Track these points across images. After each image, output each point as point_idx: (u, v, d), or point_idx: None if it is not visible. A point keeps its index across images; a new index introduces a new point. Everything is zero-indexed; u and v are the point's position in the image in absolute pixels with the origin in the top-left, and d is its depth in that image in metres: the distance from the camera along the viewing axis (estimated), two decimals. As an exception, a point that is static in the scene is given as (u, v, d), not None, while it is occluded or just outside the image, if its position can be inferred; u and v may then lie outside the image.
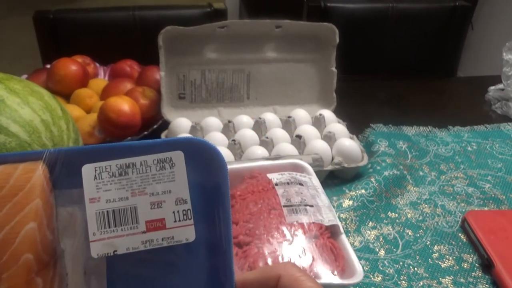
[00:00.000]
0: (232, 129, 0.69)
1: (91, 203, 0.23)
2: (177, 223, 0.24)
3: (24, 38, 1.24)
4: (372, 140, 0.74)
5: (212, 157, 0.25)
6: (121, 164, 0.24)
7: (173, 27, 0.69)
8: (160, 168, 0.24)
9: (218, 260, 0.25)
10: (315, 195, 0.48)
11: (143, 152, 0.24)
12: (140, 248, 0.24)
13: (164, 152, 0.24)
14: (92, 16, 1.08)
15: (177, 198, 0.24)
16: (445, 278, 0.50)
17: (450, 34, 1.27)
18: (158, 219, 0.24)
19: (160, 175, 0.24)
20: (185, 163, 0.24)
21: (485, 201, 0.62)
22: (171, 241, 0.24)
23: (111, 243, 0.23)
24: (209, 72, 0.76)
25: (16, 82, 0.48)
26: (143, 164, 0.24)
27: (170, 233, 0.24)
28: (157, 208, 0.24)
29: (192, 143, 0.25)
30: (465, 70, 1.99)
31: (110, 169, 0.24)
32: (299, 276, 0.26)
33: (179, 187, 0.24)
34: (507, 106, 0.87)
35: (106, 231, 0.23)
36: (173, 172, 0.24)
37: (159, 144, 0.25)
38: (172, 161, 0.24)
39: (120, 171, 0.24)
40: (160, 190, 0.24)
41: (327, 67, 0.78)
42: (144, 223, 0.24)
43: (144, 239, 0.24)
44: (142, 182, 0.24)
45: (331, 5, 1.18)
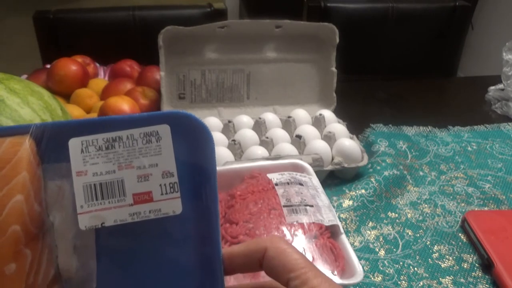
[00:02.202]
0: (232, 129, 0.69)
1: (78, 176, 0.24)
2: (164, 195, 0.25)
3: (24, 38, 1.24)
4: (372, 140, 0.74)
5: (198, 131, 0.25)
6: (108, 138, 0.24)
7: (173, 27, 0.69)
8: (146, 142, 0.24)
9: (205, 233, 0.26)
10: (315, 195, 0.48)
11: (130, 126, 0.25)
12: (128, 220, 0.24)
13: (150, 126, 0.25)
14: (92, 16, 1.08)
15: (164, 171, 0.25)
16: (445, 278, 0.50)
17: (450, 34, 1.27)
18: (145, 192, 0.24)
19: (146, 149, 0.24)
20: (171, 136, 0.25)
21: (485, 201, 0.62)
22: (158, 213, 0.25)
23: (98, 216, 0.24)
24: (209, 72, 0.76)
25: (16, 82, 0.48)
26: (130, 138, 0.24)
27: (157, 205, 0.25)
28: (144, 181, 0.24)
29: (179, 117, 0.25)
30: (465, 70, 2.00)
31: (97, 142, 0.24)
32: (285, 248, 0.26)
33: (165, 160, 0.25)
34: (507, 106, 0.87)
35: (93, 204, 0.24)
36: (160, 145, 0.25)
37: (146, 118, 0.25)
38: (158, 135, 0.25)
39: (107, 144, 0.24)
40: (147, 163, 0.24)
41: (327, 67, 0.78)
42: (131, 196, 0.24)
43: (132, 212, 0.24)
44: (128, 155, 0.24)
45: (331, 5, 1.18)
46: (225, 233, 0.44)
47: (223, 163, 0.59)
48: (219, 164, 0.59)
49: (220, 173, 0.52)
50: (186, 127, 0.25)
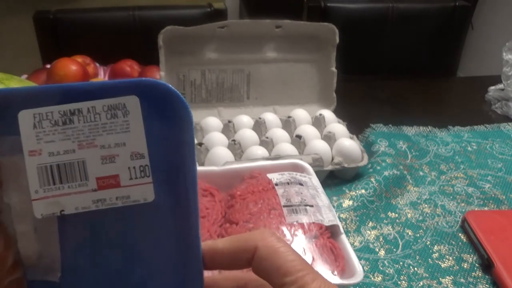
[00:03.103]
0: (232, 129, 0.69)
1: (31, 156, 0.20)
2: (133, 180, 0.21)
3: (24, 38, 1.24)
4: (372, 140, 0.74)
5: (174, 104, 0.22)
6: (65, 111, 0.20)
7: (173, 27, 0.69)
8: (111, 116, 0.21)
9: (182, 224, 0.23)
10: (315, 195, 0.48)
11: (91, 97, 0.21)
12: (91, 208, 0.21)
13: (116, 97, 0.21)
14: (92, 16, 1.08)
15: (133, 152, 0.21)
16: (445, 278, 0.50)
17: (450, 34, 1.27)
18: (111, 175, 0.21)
19: (112, 125, 0.21)
20: (141, 110, 0.21)
21: (485, 201, 0.62)
22: (127, 200, 0.22)
23: (57, 202, 0.21)
24: (209, 72, 0.76)
25: (16, 82, 0.48)
26: (91, 111, 0.21)
27: (126, 191, 0.22)
28: (109, 163, 0.21)
29: (150, 86, 0.21)
30: (465, 70, 1.99)
31: (52, 116, 0.20)
32: (278, 247, 0.23)
33: (134, 139, 0.21)
34: (507, 106, 0.87)
35: (50, 189, 0.21)
36: (127, 121, 0.21)
37: (110, 87, 0.21)
38: (125, 108, 0.21)
39: (64, 118, 0.20)
40: (113, 142, 0.21)
41: (327, 67, 0.78)
42: (94, 179, 0.21)
43: (96, 198, 0.21)
44: (90, 132, 0.21)
45: (331, 5, 1.18)
46: (225, 233, 0.44)
47: (223, 163, 0.59)
48: (219, 164, 0.59)
49: (220, 173, 0.53)
50: (159, 99, 0.21)
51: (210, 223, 0.45)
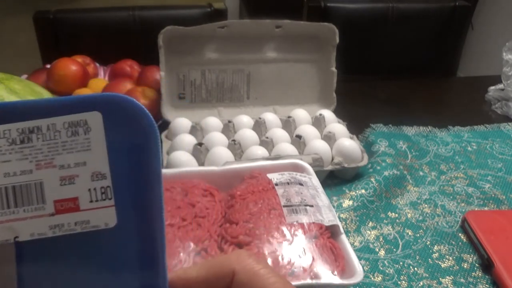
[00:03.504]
0: (232, 129, 0.69)
1: None
2: (94, 203, 0.20)
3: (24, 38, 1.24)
4: (372, 140, 0.74)
5: (139, 122, 0.20)
6: (23, 128, 0.19)
7: (173, 27, 0.69)
8: (72, 134, 0.19)
9: (147, 253, 0.21)
10: (315, 195, 0.48)
11: (51, 113, 0.19)
12: (48, 234, 0.20)
13: (77, 114, 0.19)
14: (92, 16, 1.08)
15: (94, 172, 0.20)
16: (445, 278, 0.50)
17: (450, 34, 1.27)
18: (70, 198, 0.20)
19: (72, 143, 0.19)
20: (103, 127, 0.20)
21: (485, 201, 0.62)
22: (87, 226, 0.20)
23: (10, 227, 0.19)
24: (209, 72, 0.76)
25: (16, 82, 0.48)
26: (51, 129, 0.19)
27: (85, 216, 0.20)
28: (68, 184, 0.20)
29: (114, 102, 0.20)
30: (465, 70, 1.99)
31: (9, 134, 0.19)
32: (258, 270, 0.21)
33: (96, 158, 0.20)
34: (507, 106, 0.87)
35: (4, 213, 0.19)
36: (89, 139, 0.20)
37: (71, 103, 0.20)
38: (87, 125, 0.19)
39: (22, 137, 0.19)
40: (72, 161, 0.20)
41: (327, 67, 0.78)
42: (52, 203, 0.20)
43: (53, 223, 0.20)
44: (49, 151, 0.19)
45: (331, 5, 1.18)
46: (225, 233, 0.44)
47: (223, 163, 0.59)
48: (219, 164, 0.59)
49: (220, 173, 0.53)
50: (123, 116, 0.20)
51: (210, 223, 0.45)
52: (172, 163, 0.59)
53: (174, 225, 0.43)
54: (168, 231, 0.42)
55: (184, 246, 0.41)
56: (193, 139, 0.65)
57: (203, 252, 0.42)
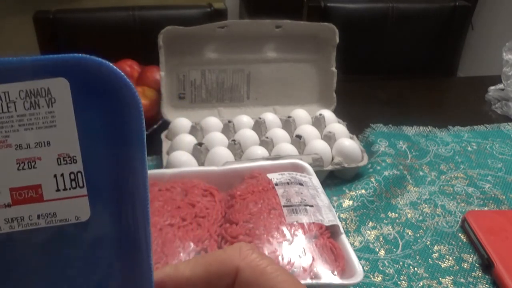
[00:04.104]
0: (232, 129, 0.69)
1: None
2: (62, 192, 0.16)
3: (24, 38, 1.24)
4: (372, 140, 0.74)
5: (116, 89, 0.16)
6: None
7: (173, 27, 0.69)
8: (31, 106, 0.15)
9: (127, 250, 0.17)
10: (315, 195, 0.48)
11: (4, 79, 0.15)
12: (4, 229, 0.16)
13: (37, 79, 0.15)
14: (92, 16, 1.08)
15: (60, 154, 0.16)
16: (445, 278, 0.50)
17: (450, 34, 1.27)
18: (31, 185, 0.16)
19: (31, 117, 0.15)
20: (71, 97, 0.15)
21: (485, 201, 0.62)
22: (53, 219, 0.16)
23: None
24: (209, 72, 0.76)
25: (16, 82, 0.48)
26: (4, 99, 0.15)
27: (51, 207, 0.16)
28: (28, 168, 0.16)
29: (83, 65, 0.16)
30: (465, 70, 1.99)
31: None
32: (265, 267, 0.18)
33: (63, 136, 0.16)
34: (507, 106, 0.87)
35: None
36: (53, 112, 0.15)
37: (29, 66, 0.15)
38: (50, 95, 0.15)
39: None
40: (33, 140, 0.15)
41: (327, 67, 0.78)
42: (7, 191, 0.16)
43: (10, 216, 0.16)
44: (2, 127, 0.15)
45: (331, 5, 1.18)
46: (225, 233, 0.44)
47: (223, 163, 0.59)
48: (219, 164, 0.59)
49: (220, 173, 0.53)
50: (97, 83, 0.16)
51: (210, 223, 0.45)
52: (172, 163, 0.59)
53: (174, 225, 0.43)
54: (168, 231, 0.42)
55: (184, 246, 0.41)
56: (193, 139, 0.65)
57: (203, 252, 0.42)
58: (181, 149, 0.63)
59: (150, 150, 0.68)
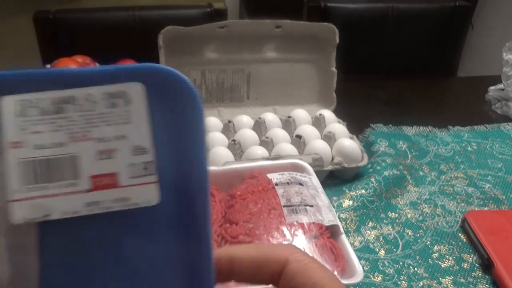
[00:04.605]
0: (232, 129, 0.69)
1: (14, 148, 0.17)
2: (135, 179, 0.18)
3: (24, 38, 1.24)
4: (372, 140, 0.74)
5: (183, 94, 0.19)
6: (57, 98, 0.17)
7: (173, 27, 0.69)
8: (111, 105, 0.18)
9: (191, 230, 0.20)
10: (315, 195, 0.48)
11: (88, 83, 0.18)
12: (83, 212, 0.18)
13: (117, 84, 0.18)
14: (92, 16, 1.08)
15: (135, 146, 0.18)
16: (445, 278, 0.50)
17: (450, 34, 1.27)
18: (108, 173, 0.18)
19: (110, 115, 0.18)
20: (146, 99, 0.18)
21: (485, 201, 0.62)
22: (126, 203, 0.18)
23: (41, 205, 0.17)
24: (209, 72, 0.76)
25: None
26: (88, 99, 0.18)
27: (125, 192, 0.18)
28: (106, 158, 0.18)
29: (155, 72, 0.19)
30: (465, 70, 1.99)
31: (41, 103, 0.17)
32: (309, 263, 0.21)
33: (137, 131, 0.18)
34: (507, 106, 0.87)
35: (33, 188, 0.17)
36: (129, 110, 0.18)
37: (110, 73, 0.18)
38: (127, 96, 0.18)
39: (56, 107, 0.17)
40: (111, 134, 0.18)
41: (327, 67, 0.78)
42: (88, 178, 0.18)
43: (89, 200, 0.18)
44: (86, 123, 0.18)
45: (331, 5, 1.18)
46: (225, 233, 0.44)
47: (223, 163, 0.59)
48: (219, 164, 0.59)
49: (220, 173, 0.53)
50: (167, 89, 0.19)
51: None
52: (172, 163, 0.59)
53: (174, 225, 0.43)
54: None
55: (184, 246, 0.41)
56: (193, 139, 0.65)
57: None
58: (181, 149, 0.63)
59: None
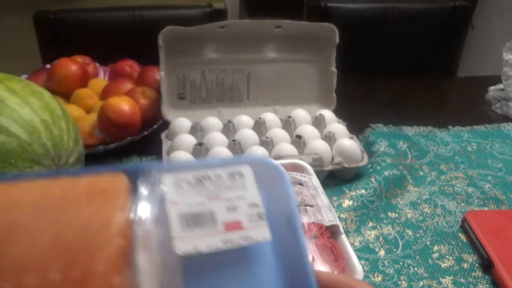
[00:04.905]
0: (232, 129, 0.69)
1: (173, 205, 0.26)
2: (253, 223, 0.27)
3: (24, 38, 1.24)
4: (372, 140, 0.74)
5: (274, 173, 0.30)
6: (198, 176, 0.28)
7: (173, 27, 0.69)
8: (231, 179, 0.28)
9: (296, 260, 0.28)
10: (315, 195, 0.48)
11: (216, 167, 0.28)
12: (221, 247, 0.26)
13: (234, 166, 0.28)
14: (92, 16, 1.08)
15: (250, 203, 0.27)
16: (445, 278, 0.50)
17: (450, 34, 1.27)
18: (235, 221, 0.26)
19: (232, 184, 0.28)
20: (253, 175, 0.28)
21: (485, 201, 0.62)
22: (250, 240, 0.26)
23: (193, 242, 0.25)
24: (209, 72, 0.76)
25: (16, 82, 0.48)
26: (217, 176, 0.28)
27: (247, 233, 0.26)
28: (232, 211, 0.27)
29: (259, 160, 0.30)
30: (465, 70, 2.00)
31: (189, 179, 0.27)
32: None
33: (250, 193, 0.28)
34: (507, 106, 0.87)
35: (187, 230, 0.26)
36: (243, 182, 0.28)
37: (230, 161, 0.30)
38: (241, 173, 0.28)
39: (198, 181, 0.27)
40: (234, 196, 0.27)
41: (327, 67, 0.78)
42: (222, 224, 0.26)
43: (224, 239, 0.26)
44: (217, 190, 0.27)
45: (331, 5, 1.18)
46: (225, 233, 0.44)
47: (223, 163, 0.59)
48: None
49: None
50: (265, 170, 0.29)
51: (210, 223, 0.45)
52: (172, 163, 0.59)
53: (174, 225, 0.43)
54: (168, 231, 0.42)
55: (184, 246, 0.41)
56: (193, 139, 0.65)
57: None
58: (181, 149, 0.63)
59: (150, 150, 0.68)
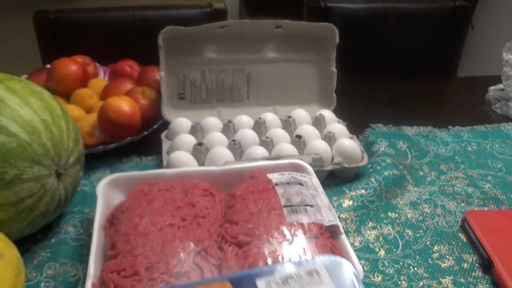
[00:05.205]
0: (232, 129, 0.69)
1: None
2: None
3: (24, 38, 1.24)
4: (372, 140, 0.74)
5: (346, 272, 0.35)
6: (284, 276, 0.34)
7: (173, 27, 0.69)
8: (309, 276, 0.34)
9: None
10: (315, 195, 0.48)
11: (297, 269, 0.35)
12: None
13: (310, 265, 0.35)
14: (92, 16, 1.08)
15: None
16: (445, 278, 0.50)
17: (450, 34, 1.27)
18: None
19: (310, 280, 0.34)
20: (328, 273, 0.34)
21: (485, 201, 0.62)
22: None
23: None
24: (209, 72, 0.76)
25: (16, 82, 0.48)
26: (298, 276, 0.34)
27: None
28: None
29: (331, 260, 0.36)
30: (465, 70, 2.00)
31: (278, 282, 0.34)
32: None
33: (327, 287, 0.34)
34: (507, 106, 0.87)
35: None
36: (320, 278, 0.34)
37: (307, 262, 0.36)
38: (318, 271, 0.35)
39: (283, 281, 0.34)
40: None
41: (327, 67, 0.78)
42: None
43: None
44: (299, 285, 0.34)
45: (331, 5, 1.18)
46: (225, 233, 0.44)
47: (223, 163, 0.59)
48: (219, 164, 0.59)
49: (220, 173, 0.53)
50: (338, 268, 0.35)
51: (210, 223, 0.45)
52: (172, 163, 0.59)
53: (174, 225, 0.43)
54: (168, 231, 0.42)
55: (184, 246, 0.41)
56: (193, 139, 0.65)
57: (203, 252, 0.42)
58: (181, 149, 0.63)
59: (150, 150, 0.68)
